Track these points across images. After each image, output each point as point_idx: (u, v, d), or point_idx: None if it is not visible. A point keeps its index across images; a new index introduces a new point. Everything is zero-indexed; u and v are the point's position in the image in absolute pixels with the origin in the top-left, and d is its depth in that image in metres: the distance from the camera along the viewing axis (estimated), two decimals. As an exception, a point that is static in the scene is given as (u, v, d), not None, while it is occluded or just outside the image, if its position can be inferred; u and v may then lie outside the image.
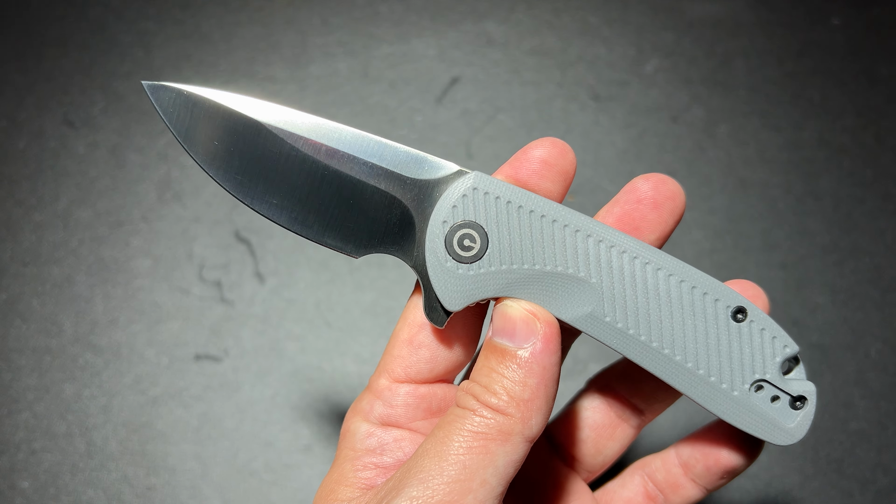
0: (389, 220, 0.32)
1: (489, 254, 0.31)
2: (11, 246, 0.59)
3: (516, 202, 0.31)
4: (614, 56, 0.66)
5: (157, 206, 0.60)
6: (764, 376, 0.32)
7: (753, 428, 0.33)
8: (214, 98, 0.32)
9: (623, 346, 0.32)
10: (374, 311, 0.57)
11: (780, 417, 0.33)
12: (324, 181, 0.32)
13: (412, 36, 0.66)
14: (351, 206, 0.33)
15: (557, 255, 0.31)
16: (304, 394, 0.54)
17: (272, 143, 0.32)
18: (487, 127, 0.63)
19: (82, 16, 0.67)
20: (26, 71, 0.65)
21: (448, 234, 0.31)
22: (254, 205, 0.32)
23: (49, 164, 0.61)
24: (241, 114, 0.32)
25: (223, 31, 0.66)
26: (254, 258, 0.58)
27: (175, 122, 0.32)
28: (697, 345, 0.32)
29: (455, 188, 0.32)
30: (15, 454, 0.53)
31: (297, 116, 0.33)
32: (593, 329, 0.32)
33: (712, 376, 0.32)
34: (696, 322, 0.32)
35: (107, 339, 0.56)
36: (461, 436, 0.29)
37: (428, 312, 0.32)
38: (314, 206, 0.33)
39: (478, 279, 0.31)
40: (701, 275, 0.32)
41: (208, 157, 0.32)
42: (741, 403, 0.32)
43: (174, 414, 0.54)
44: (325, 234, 0.33)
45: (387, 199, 0.32)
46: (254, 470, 0.52)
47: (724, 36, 0.66)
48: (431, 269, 0.32)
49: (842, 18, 0.67)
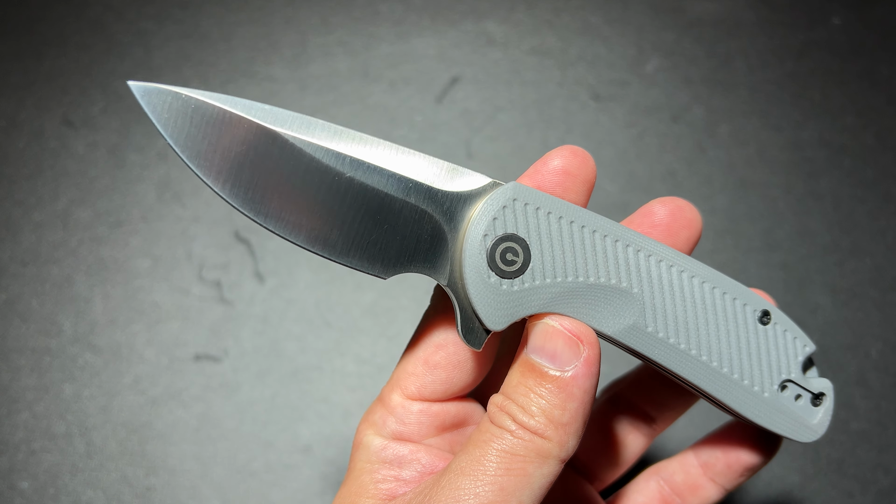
0: (420, 237, 0.30)
1: (532, 267, 0.30)
2: (11, 246, 0.59)
3: (557, 213, 0.30)
4: (615, 56, 0.66)
5: (157, 206, 0.60)
6: (789, 376, 0.33)
7: (781, 427, 0.33)
8: (218, 103, 0.29)
9: (663, 355, 0.32)
10: (374, 311, 0.57)
11: (805, 415, 0.33)
12: (347, 195, 0.29)
13: (412, 35, 0.66)
14: (378, 221, 0.30)
15: (600, 267, 0.31)
16: (303, 394, 0.54)
17: (289, 154, 0.29)
18: (487, 127, 0.63)
19: (82, 15, 0.66)
20: (26, 71, 0.65)
21: (490, 249, 0.30)
22: (268, 223, 0.29)
23: (48, 164, 0.61)
24: (251, 121, 0.29)
25: (223, 31, 0.66)
26: (253, 258, 0.58)
27: (172, 130, 0.28)
28: (731, 349, 0.32)
29: (494, 199, 0.30)
30: (14, 454, 0.53)
31: (316, 124, 0.29)
32: (635, 340, 0.31)
33: (745, 379, 0.32)
34: (728, 327, 0.32)
35: (106, 339, 0.56)
36: (498, 456, 0.28)
37: (465, 334, 0.30)
38: (337, 222, 0.29)
39: (522, 295, 0.30)
40: (728, 280, 0.32)
41: (213, 170, 0.29)
42: (771, 405, 0.33)
43: (174, 414, 0.54)
44: (349, 253, 0.30)
45: (417, 213, 0.30)
46: (253, 470, 0.52)
47: (724, 35, 0.66)
48: (472, 286, 0.30)
49: (842, 18, 0.67)
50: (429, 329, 0.32)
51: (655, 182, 0.61)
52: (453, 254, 0.30)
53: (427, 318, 0.33)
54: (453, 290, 0.30)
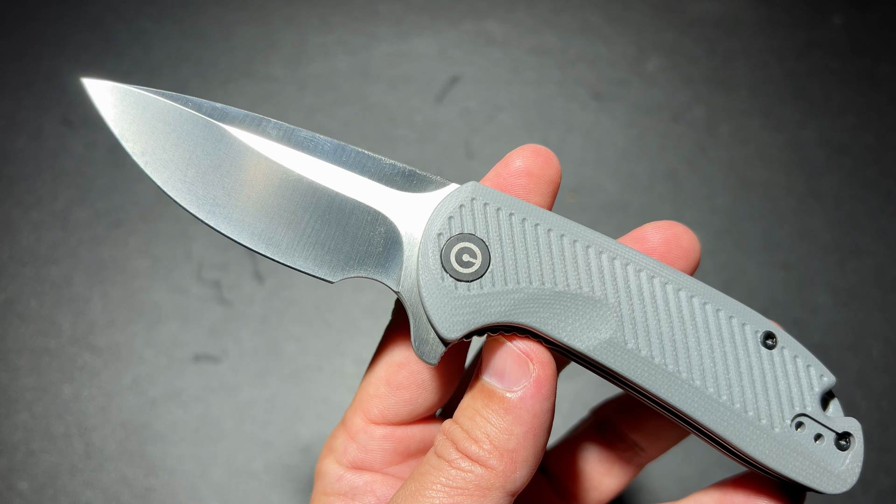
0: (372, 239, 0.28)
1: (492, 270, 0.27)
2: (10, 246, 0.59)
3: (520, 214, 0.28)
4: (615, 55, 0.65)
5: (156, 206, 0.60)
6: (804, 410, 0.28)
7: (799, 473, 0.28)
8: (168, 100, 0.28)
9: (648, 378, 0.28)
10: (374, 311, 0.57)
11: (828, 459, 0.28)
12: (295, 193, 0.28)
13: (412, 35, 0.66)
14: (327, 221, 0.28)
15: (569, 273, 0.28)
16: (303, 394, 0.54)
17: (236, 151, 0.28)
18: (487, 126, 0.63)
19: (81, 15, 0.66)
20: (25, 70, 0.64)
21: (444, 248, 0.28)
22: (210, 219, 0.28)
23: (47, 164, 0.61)
24: (199, 117, 0.28)
25: (222, 30, 0.66)
26: (253, 258, 0.58)
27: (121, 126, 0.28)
28: (730, 374, 0.28)
29: (451, 198, 0.28)
30: (13, 455, 0.53)
31: (265, 122, 0.29)
32: (614, 359, 0.28)
33: (749, 411, 0.28)
34: (725, 348, 0.28)
35: (105, 339, 0.56)
36: (434, 490, 0.26)
37: (418, 346, 0.28)
38: (283, 221, 0.28)
39: (480, 300, 0.27)
40: (724, 297, 0.29)
41: (158, 165, 0.28)
42: (783, 443, 0.28)
43: (173, 414, 0.54)
44: (294, 253, 0.28)
45: (369, 214, 0.28)
46: (253, 471, 0.52)
47: (725, 35, 0.66)
48: (426, 289, 0.27)
49: (843, 17, 0.67)
50: (389, 345, 0.30)
51: (656, 182, 0.61)
52: (409, 258, 0.28)
53: (388, 334, 0.31)
54: (407, 297, 0.28)
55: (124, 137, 0.28)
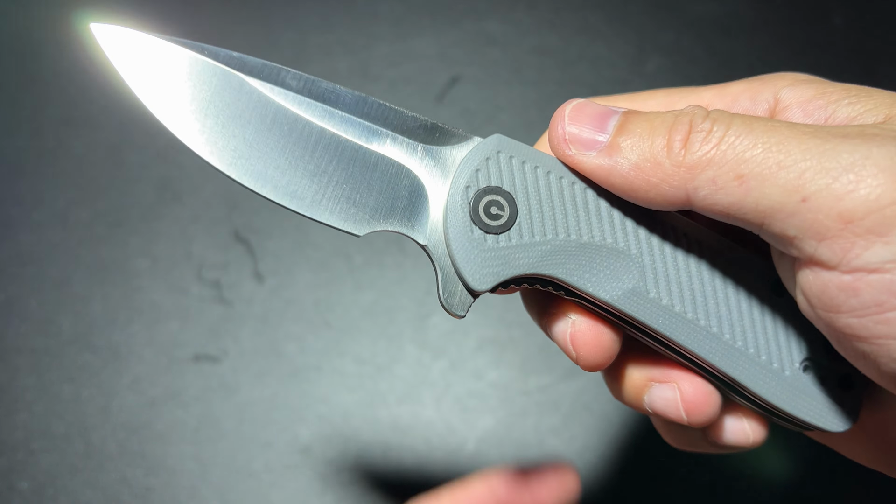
0: (397, 192, 0.28)
1: (519, 223, 0.28)
2: (10, 246, 0.59)
3: (544, 167, 0.28)
4: (615, 55, 0.65)
5: (156, 206, 0.60)
6: (811, 355, 0.30)
7: (807, 412, 0.30)
8: (185, 48, 0.28)
9: (670, 326, 0.29)
10: (374, 311, 0.57)
11: (832, 400, 0.30)
12: (318, 146, 0.28)
13: (412, 35, 0.66)
14: (351, 174, 0.28)
15: (593, 225, 0.28)
16: (303, 394, 0.54)
17: (256, 102, 0.28)
18: (488, 126, 0.63)
19: (80, 15, 0.66)
20: (25, 70, 0.64)
21: (473, 201, 0.28)
22: (231, 172, 0.27)
23: (47, 164, 0.61)
24: (217, 66, 0.28)
25: (222, 30, 0.66)
26: (253, 258, 0.58)
27: (136, 76, 0.28)
28: (744, 321, 0.29)
29: (477, 151, 0.28)
30: (13, 455, 0.53)
31: (284, 72, 0.28)
32: (638, 308, 0.29)
33: (762, 355, 0.29)
34: (739, 297, 0.29)
35: (105, 339, 0.56)
36: None
37: (446, 299, 0.28)
38: (306, 174, 0.28)
39: (508, 252, 0.28)
40: (735, 247, 0.30)
41: (177, 116, 0.27)
42: (793, 385, 0.29)
43: (173, 415, 0.54)
44: (319, 207, 0.28)
45: (393, 167, 0.28)
46: (253, 471, 0.52)
47: (725, 35, 0.66)
48: (454, 241, 0.28)
49: (843, 17, 0.67)
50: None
51: (656, 182, 0.61)
52: (434, 211, 0.28)
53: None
54: (434, 250, 0.28)
55: (137, 86, 0.27)
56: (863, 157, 0.24)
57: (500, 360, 0.55)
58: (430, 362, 0.55)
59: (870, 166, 0.23)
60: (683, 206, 0.27)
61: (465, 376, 0.55)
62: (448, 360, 0.55)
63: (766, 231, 0.26)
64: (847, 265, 0.24)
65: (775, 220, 0.25)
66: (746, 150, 0.25)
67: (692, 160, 0.26)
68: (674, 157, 0.26)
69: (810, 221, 0.24)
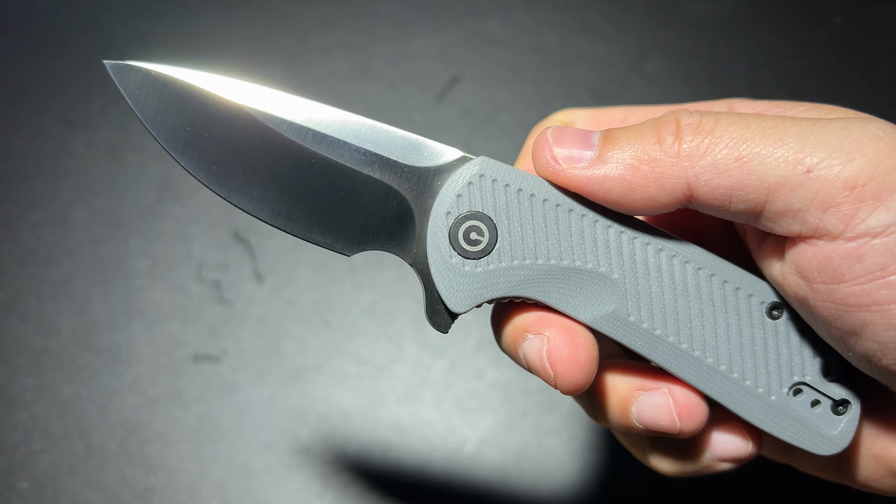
0: (385, 213, 0.29)
1: (499, 248, 0.28)
2: (10, 246, 0.58)
3: (528, 190, 0.28)
4: (615, 55, 0.65)
5: (156, 206, 0.60)
6: (803, 379, 0.29)
7: (792, 436, 0.29)
8: (185, 79, 0.29)
9: (649, 348, 0.29)
10: (374, 311, 0.57)
11: (822, 424, 0.29)
12: (311, 170, 0.29)
13: (412, 35, 0.66)
14: (342, 197, 0.29)
15: (575, 249, 0.28)
16: (303, 394, 0.54)
17: (252, 128, 0.29)
18: (487, 126, 0.63)
19: (80, 15, 0.66)
20: (24, 70, 0.64)
21: (453, 227, 0.28)
22: (231, 197, 0.29)
23: (47, 164, 0.61)
24: (216, 96, 0.29)
25: (222, 30, 0.66)
26: (253, 258, 0.58)
27: (142, 105, 0.29)
28: (731, 346, 0.29)
29: (459, 175, 0.28)
30: (13, 455, 0.53)
31: (280, 98, 0.29)
32: (616, 330, 0.29)
33: (747, 380, 0.29)
34: (728, 320, 0.29)
35: (105, 339, 0.56)
36: None
37: (430, 316, 0.29)
38: (300, 197, 0.29)
39: (486, 277, 0.28)
40: (732, 268, 0.29)
41: (180, 144, 0.29)
42: (779, 410, 0.29)
43: (173, 415, 0.54)
44: (312, 229, 0.29)
45: (382, 189, 0.29)
46: (253, 471, 0.52)
47: (725, 34, 0.66)
48: (434, 266, 0.29)
49: (843, 17, 0.67)
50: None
51: (656, 182, 0.61)
52: (420, 232, 0.29)
53: None
54: (419, 269, 0.29)
55: (146, 118, 0.29)
56: (858, 129, 0.25)
57: (500, 360, 0.55)
58: (430, 362, 0.55)
59: (866, 138, 0.25)
60: (684, 199, 0.27)
61: (465, 376, 0.54)
62: (448, 360, 0.55)
63: (768, 210, 0.26)
64: (851, 231, 0.24)
65: (780, 194, 0.25)
66: (743, 134, 0.26)
67: (689, 149, 0.26)
68: (668, 150, 0.27)
69: (815, 191, 0.25)
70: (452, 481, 0.52)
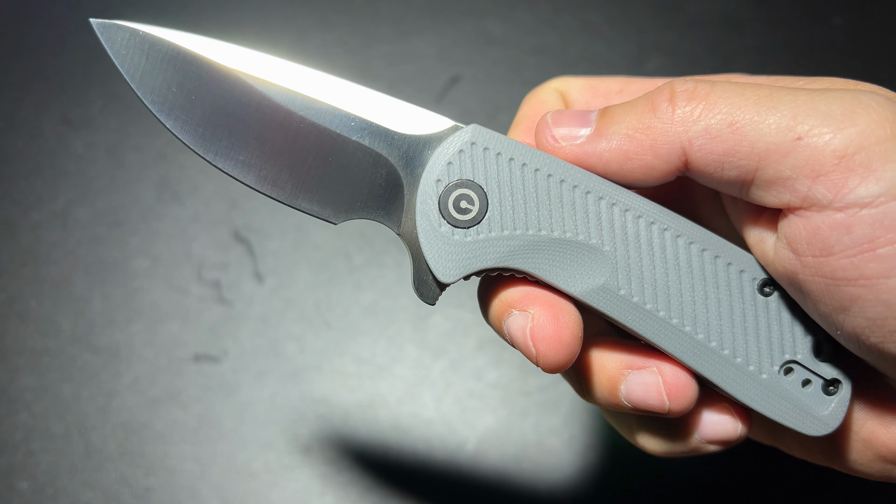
0: (374, 181, 0.29)
1: (489, 217, 0.28)
2: (9, 246, 0.58)
3: (520, 159, 0.28)
4: (615, 55, 0.65)
5: (156, 206, 0.60)
6: (794, 357, 0.29)
7: (782, 415, 0.29)
8: (173, 39, 0.29)
9: (639, 323, 0.28)
10: (374, 311, 0.57)
11: (813, 404, 0.29)
12: (299, 135, 0.28)
13: (412, 34, 0.66)
14: (330, 164, 0.28)
15: (566, 220, 0.28)
16: (303, 394, 0.54)
17: (240, 92, 0.28)
18: (487, 126, 0.63)
19: (80, 14, 0.66)
20: (24, 70, 0.64)
21: (442, 195, 0.28)
22: (217, 161, 0.28)
23: (47, 164, 0.61)
24: (203, 58, 0.29)
25: (222, 30, 0.66)
26: (253, 258, 0.58)
27: (128, 65, 0.29)
28: (722, 321, 0.28)
29: (450, 143, 0.28)
30: (13, 455, 0.53)
31: (270, 62, 0.29)
32: (606, 304, 0.28)
33: (738, 357, 0.29)
34: (719, 296, 0.28)
35: (105, 339, 0.56)
36: None
37: (417, 287, 0.29)
38: (287, 163, 0.28)
39: (475, 246, 0.28)
40: (724, 243, 0.29)
41: (166, 105, 0.28)
42: (769, 388, 0.29)
43: (173, 415, 0.54)
44: (299, 195, 0.29)
45: (371, 156, 0.29)
46: (253, 471, 0.52)
47: (725, 34, 0.66)
48: (423, 234, 0.28)
49: (843, 17, 0.67)
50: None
51: (656, 182, 0.61)
52: (409, 201, 0.29)
53: None
54: (408, 240, 0.29)
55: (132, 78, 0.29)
56: (852, 99, 0.25)
57: (500, 360, 0.55)
58: (430, 362, 0.55)
59: (859, 108, 0.25)
60: (680, 165, 0.27)
61: (465, 376, 0.54)
62: (448, 360, 0.55)
63: (758, 178, 0.26)
64: (840, 201, 0.24)
65: (770, 161, 0.25)
66: (737, 101, 0.26)
67: (682, 114, 0.27)
68: (662, 116, 0.27)
69: (805, 158, 0.25)
70: (452, 481, 0.52)
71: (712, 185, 0.28)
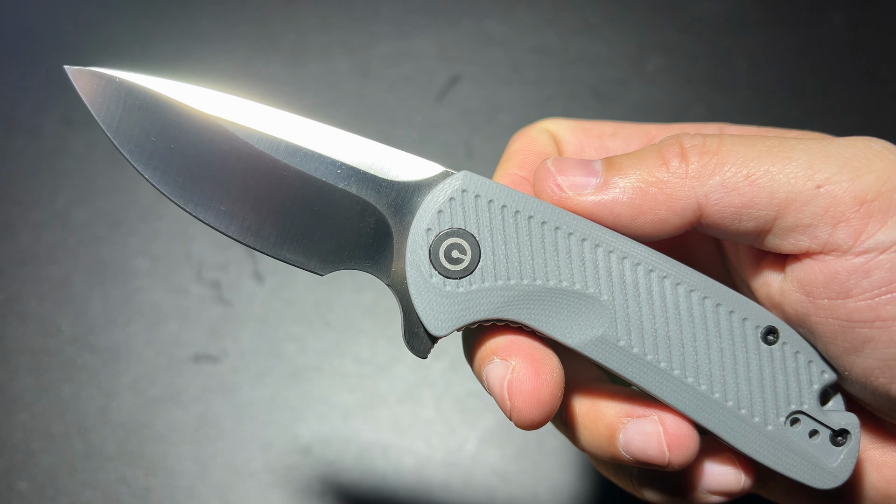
0: (361, 230, 0.27)
1: (482, 267, 0.27)
2: (9, 245, 0.58)
3: (512, 206, 0.27)
4: (615, 54, 0.65)
5: (156, 206, 0.60)
6: (801, 407, 0.28)
7: (790, 468, 0.28)
8: (151, 86, 0.28)
9: (639, 375, 0.27)
10: (374, 311, 0.57)
11: (821, 455, 0.28)
12: (283, 183, 0.27)
13: (412, 34, 0.66)
14: (315, 213, 0.27)
15: (562, 268, 0.27)
16: (303, 395, 0.54)
17: (221, 139, 0.27)
18: (488, 126, 0.63)
19: (80, 14, 0.66)
20: (24, 70, 0.64)
21: (433, 245, 0.27)
22: (198, 212, 0.27)
23: (47, 164, 0.61)
24: (182, 104, 0.27)
25: (221, 30, 0.66)
26: (252, 258, 0.58)
27: (104, 113, 0.28)
28: (725, 372, 0.27)
29: (440, 190, 0.27)
30: (13, 455, 0.53)
31: (251, 108, 0.28)
32: (605, 355, 0.27)
33: (742, 408, 0.27)
34: (722, 345, 0.27)
35: (105, 339, 0.56)
36: None
37: (408, 339, 0.28)
38: (271, 212, 0.27)
39: (469, 297, 0.27)
40: (726, 290, 0.28)
41: (144, 155, 0.27)
42: (776, 440, 0.28)
43: (172, 415, 0.54)
44: (283, 246, 0.27)
45: (358, 204, 0.27)
46: (253, 471, 0.52)
47: (725, 34, 0.66)
48: (413, 286, 0.27)
49: (844, 17, 0.67)
50: None
51: (656, 182, 0.61)
52: (398, 250, 0.27)
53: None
54: (398, 290, 0.28)
55: (108, 126, 0.28)
56: (864, 147, 0.25)
57: (500, 360, 0.55)
58: (430, 362, 0.55)
59: (873, 155, 0.25)
60: (694, 220, 0.27)
61: (465, 376, 0.54)
62: (448, 360, 0.55)
63: (777, 227, 0.26)
64: (860, 246, 0.25)
65: (790, 210, 0.25)
66: (749, 153, 0.26)
67: (696, 169, 0.26)
68: (675, 171, 0.27)
69: (826, 206, 0.25)
70: (452, 481, 0.52)
71: (726, 237, 0.27)
